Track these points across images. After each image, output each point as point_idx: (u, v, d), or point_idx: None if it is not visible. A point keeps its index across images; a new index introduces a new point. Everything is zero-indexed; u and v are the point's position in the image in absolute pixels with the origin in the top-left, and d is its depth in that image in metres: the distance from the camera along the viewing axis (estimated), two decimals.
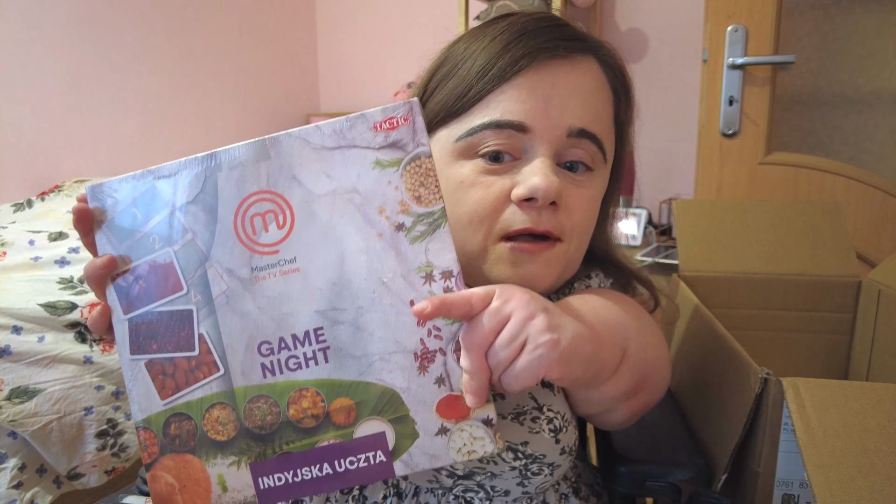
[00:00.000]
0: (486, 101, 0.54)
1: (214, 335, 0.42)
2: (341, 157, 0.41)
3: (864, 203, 1.48)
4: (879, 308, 0.87)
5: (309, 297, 0.41)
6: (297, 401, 0.41)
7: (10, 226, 1.52)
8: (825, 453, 0.49)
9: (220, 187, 0.41)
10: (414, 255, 0.41)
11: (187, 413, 0.42)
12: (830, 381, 0.54)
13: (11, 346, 1.14)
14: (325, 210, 0.41)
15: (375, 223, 0.41)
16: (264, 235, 0.41)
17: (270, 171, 0.41)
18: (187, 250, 0.42)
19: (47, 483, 1.15)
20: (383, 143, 0.41)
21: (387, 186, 0.41)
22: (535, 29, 0.55)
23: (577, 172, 0.55)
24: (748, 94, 1.54)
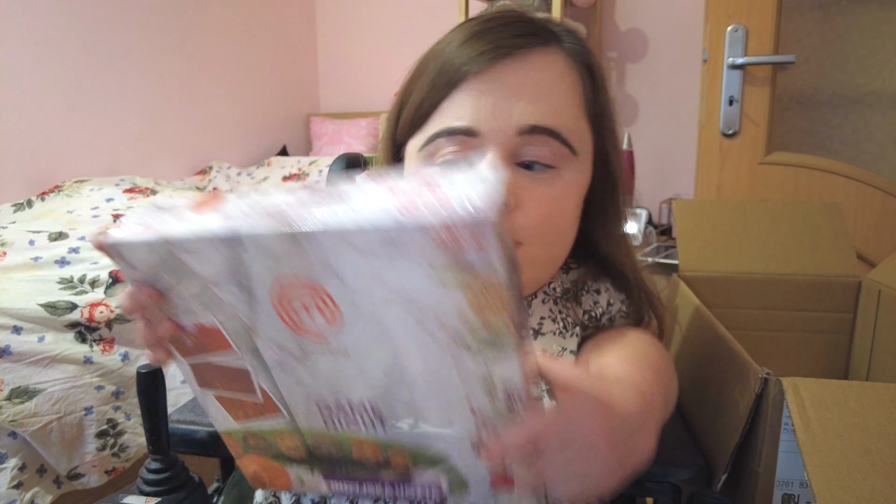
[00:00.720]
0: (439, 109, 0.54)
1: (273, 390, 0.41)
2: (392, 267, 0.32)
3: (864, 203, 1.48)
4: (879, 308, 0.87)
5: (362, 380, 0.39)
6: (360, 447, 0.42)
7: (10, 226, 1.52)
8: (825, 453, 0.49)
9: (249, 268, 0.35)
10: (475, 367, 0.36)
11: (261, 434, 0.44)
12: (830, 381, 0.54)
13: (11, 346, 1.14)
14: (375, 312, 0.35)
15: (433, 334, 0.35)
16: (309, 322, 0.37)
17: (306, 263, 0.34)
18: (232, 322, 0.39)
19: (47, 483, 1.15)
20: (447, 262, 0.31)
21: (449, 303, 0.33)
22: (482, 31, 0.55)
23: (536, 171, 0.54)
24: (748, 94, 1.54)
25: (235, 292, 0.37)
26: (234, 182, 2.49)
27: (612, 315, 0.63)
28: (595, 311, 0.62)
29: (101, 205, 1.70)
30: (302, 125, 3.19)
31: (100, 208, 1.67)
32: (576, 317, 0.61)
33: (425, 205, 0.29)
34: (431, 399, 0.38)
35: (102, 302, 1.27)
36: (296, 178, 2.37)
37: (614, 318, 0.63)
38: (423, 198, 0.30)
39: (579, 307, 0.62)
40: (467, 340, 0.35)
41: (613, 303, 0.63)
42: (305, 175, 2.37)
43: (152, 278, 0.38)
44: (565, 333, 0.59)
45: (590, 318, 0.62)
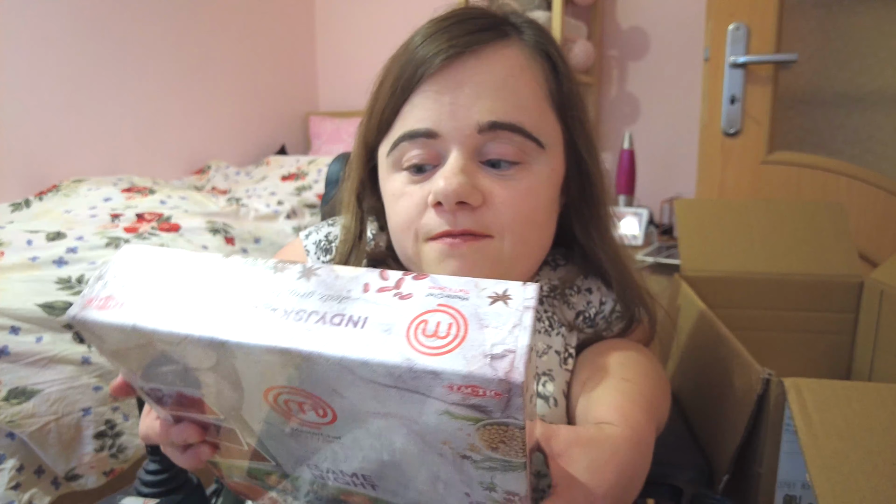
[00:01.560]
0: (400, 114, 0.55)
1: (261, 447, 0.40)
2: (398, 395, 0.30)
3: (866, 203, 1.47)
4: (882, 308, 0.87)
5: (355, 461, 0.37)
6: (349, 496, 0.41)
7: (7, 226, 1.52)
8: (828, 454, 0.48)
9: (239, 370, 0.32)
10: (479, 475, 0.33)
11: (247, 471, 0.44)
12: (833, 382, 0.54)
13: (9, 346, 1.13)
14: (375, 424, 0.32)
15: (437, 449, 0.32)
16: (303, 416, 0.34)
17: (303, 378, 0.31)
18: (217, 399, 0.36)
19: (45, 484, 1.15)
20: (460, 402, 0.28)
21: (457, 430, 0.30)
22: (438, 31, 0.55)
23: (503, 168, 0.54)
24: (750, 93, 1.53)
25: (222, 382, 0.34)
26: (232, 181, 2.49)
27: (607, 315, 0.62)
28: (589, 311, 0.61)
29: (99, 204, 1.69)
30: (301, 124, 3.18)
31: (98, 208, 1.66)
32: (562, 316, 0.60)
33: (444, 348, 0.27)
34: (427, 488, 0.37)
35: None
36: (294, 178, 2.37)
37: (609, 318, 0.62)
38: (444, 340, 0.27)
39: (567, 306, 0.61)
40: (473, 456, 0.32)
41: (606, 301, 0.62)
42: (305, 174, 2.37)
43: (124, 355, 0.35)
44: (551, 332, 0.58)
45: (584, 320, 0.61)
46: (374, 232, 0.65)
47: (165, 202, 1.74)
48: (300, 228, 1.85)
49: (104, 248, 1.41)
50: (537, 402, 0.53)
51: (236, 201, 1.91)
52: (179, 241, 1.51)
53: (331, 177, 0.97)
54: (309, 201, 2.07)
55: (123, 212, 1.62)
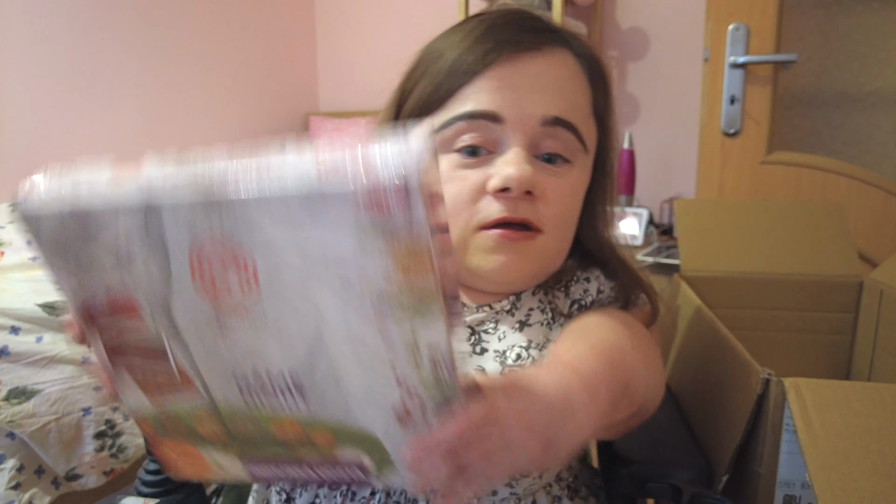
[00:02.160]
0: (457, 95, 0.55)
1: (189, 363, 0.40)
2: (315, 235, 0.31)
3: (866, 203, 1.48)
4: (881, 308, 0.87)
5: (282, 350, 0.37)
6: (280, 424, 0.41)
7: (7, 225, 1.52)
8: (827, 454, 0.48)
9: (166, 237, 0.34)
10: (401, 333, 0.35)
11: (177, 417, 0.42)
12: (832, 382, 0.54)
13: (9, 346, 1.14)
14: (295, 277, 0.34)
15: (358, 302, 0.34)
16: (226, 293, 0.35)
17: (224, 228, 0.33)
18: (146, 295, 0.36)
19: (45, 484, 1.15)
20: (371, 228, 0.30)
21: (374, 269, 0.32)
22: (503, 23, 0.56)
23: (555, 164, 0.55)
24: (750, 94, 1.54)
25: (151, 264, 0.35)
26: None
27: (602, 301, 0.63)
28: (585, 299, 0.62)
29: None
30: (301, 124, 3.19)
31: None
32: (562, 308, 0.60)
33: (349, 170, 0.29)
34: (354, 370, 0.37)
35: None
36: None
37: (604, 303, 0.63)
38: (347, 163, 0.29)
39: (567, 298, 0.61)
40: (392, 307, 0.33)
41: (603, 290, 0.62)
42: None
43: (62, 250, 0.37)
44: (552, 324, 0.59)
45: (579, 308, 0.61)
46: None
47: None
48: None
49: None
50: None
51: None
52: None
53: None
54: None
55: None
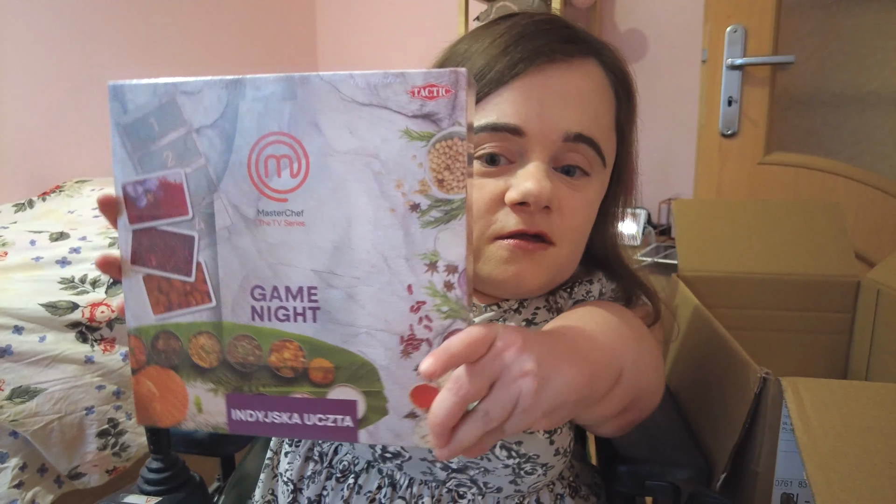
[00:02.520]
0: (482, 103, 0.54)
1: (212, 266, 0.42)
2: (369, 115, 0.38)
3: (863, 203, 1.48)
4: (879, 308, 0.87)
5: (308, 253, 0.40)
6: (280, 349, 0.41)
7: (11, 226, 1.52)
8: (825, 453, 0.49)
9: (240, 117, 0.39)
10: (422, 239, 0.38)
11: (175, 333, 0.43)
12: (830, 381, 0.54)
13: (12, 345, 1.14)
14: (341, 168, 0.39)
15: (390, 196, 0.38)
16: (276, 180, 0.40)
17: (293, 113, 0.39)
18: (198, 175, 0.41)
19: (48, 483, 1.15)
20: (417, 111, 0.37)
21: (410, 161, 0.37)
22: (533, 32, 0.55)
23: (574, 177, 0.55)
24: (747, 95, 1.54)
25: (215, 140, 0.40)
26: None
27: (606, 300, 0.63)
28: (587, 300, 0.63)
29: None
30: None
31: None
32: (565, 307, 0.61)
33: (408, 71, 0.37)
34: (370, 284, 0.39)
35: (103, 302, 1.27)
36: None
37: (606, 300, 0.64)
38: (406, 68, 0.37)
39: (571, 298, 0.62)
40: (419, 201, 0.38)
41: (605, 291, 0.63)
42: None
43: (139, 124, 0.42)
44: None
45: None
46: None
47: None
48: None
49: (107, 248, 1.41)
50: None
51: None
52: None
53: None
54: None
55: None
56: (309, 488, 0.59)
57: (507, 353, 0.36)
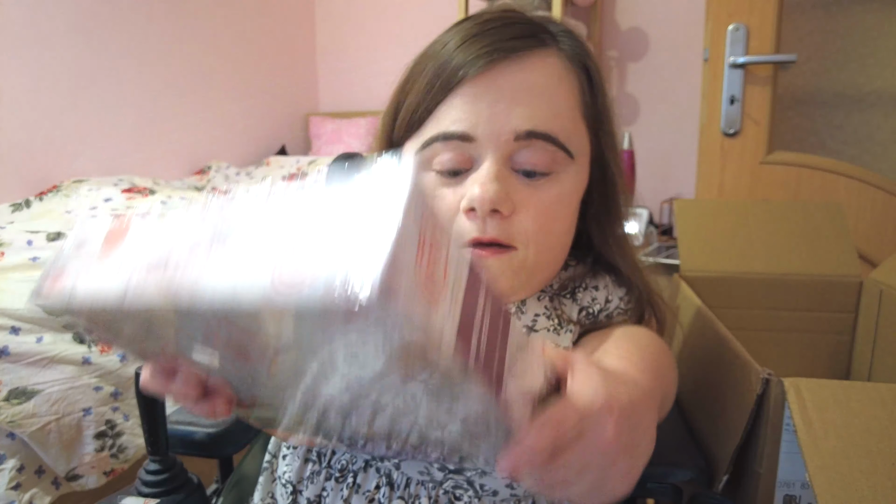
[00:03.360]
0: (435, 113, 0.54)
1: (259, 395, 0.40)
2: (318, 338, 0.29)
3: (865, 203, 1.48)
4: (881, 308, 0.87)
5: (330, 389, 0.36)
6: None
7: (8, 226, 1.52)
8: (827, 454, 0.49)
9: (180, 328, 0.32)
10: (441, 409, 0.34)
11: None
12: (832, 382, 0.54)
13: (10, 346, 1.14)
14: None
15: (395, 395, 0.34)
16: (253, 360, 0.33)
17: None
18: (173, 350, 0.36)
19: (46, 484, 1.15)
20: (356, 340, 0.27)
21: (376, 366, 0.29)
22: (479, 33, 0.54)
23: (533, 178, 0.54)
24: (749, 94, 1.54)
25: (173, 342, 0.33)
26: (233, 182, 2.49)
27: (611, 312, 0.62)
28: (593, 307, 0.62)
29: (100, 205, 1.70)
30: (301, 125, 3.19)
31: (98, 208, 1.67)
32: (570, 314, 0.60)
33: (309, 274, 0.23)
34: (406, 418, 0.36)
35: None
36: (295, 178, 2.37)
37: (612, 314, 0.62)
38: (309, 262, 0.24)
39: (575, 304, 0.61)
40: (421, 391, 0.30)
41: (612, 299, 0.62)
42: (305, 174, 2.37)
43: (99, 330, 0.35)
44: (560, 330, 0.59)
45: (587, 315, 0.61)
46: None
47: (166, 202, 1.74)
48: None
49: None
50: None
51: None
52: None
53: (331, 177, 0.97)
54: None
55: (124, 212, 1.62)
56: (308, 489, 0.59)
57: (591, 423, 0.32)
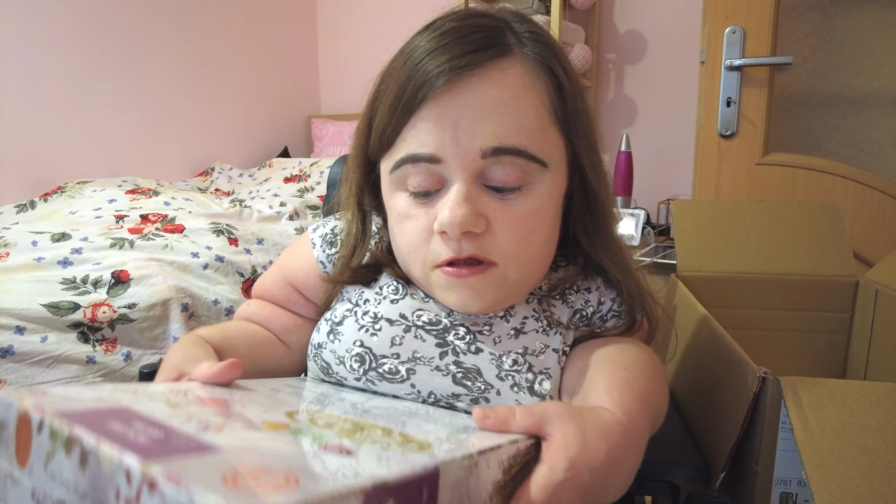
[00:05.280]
0: (402, 134, 0.54)
1: None
2: None
3: (861, 203, 1.49)
4: (877, 307, 0.88)
5: None
6: None
7: (12, 227, 1.53)
8: (823, 452, 0.49)
9: None
10: None
11: None
12: (828, 381, 0.55)
13: (14, 346, 1.14)
14: None
15: None
16: None
17: None
18: None
19: None
20: None
21: None
22: (436, 48, 0.52)
23: (504, 193, 0.53)
24: (746, 95, 1.55)
25: None
26: (235, 183, 2.49)
27: (604, 314, 0.62)
28: (586, 310, 0.61)
29: (104, 206, 1.70)
30: (303, 126, 3.19)
31: (102, 209, 1.67)
32: (560, 316, 0.60)
33: None
34: None
35: (105, 302, 1.27)
36: (297, 179, 2.37)
37: (606, 317, 0.62)
38: None
39: (566, 306, 0.60)
40: None
41: (604, 300, 0.62)
42: (307, 176, 2.38)
43: None
44: (549, 331, 0.58)
45: (581, 318, 0.61)
46: (378, 226, 0.66)
47: (170, 203, 1.75)
48: (302, 230, 1.86)
49: (109, 248, 1.42)
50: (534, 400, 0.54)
51: (240, 203, 1.92)
52: (184, 242, 1.52)
53: (333, 178, 0.98)
54: (311, 203, 2.08)
55: (128, 213, 1.63)
56: None
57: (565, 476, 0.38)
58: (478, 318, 0.58)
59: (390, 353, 0.56)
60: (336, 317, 0.61)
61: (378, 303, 0.60)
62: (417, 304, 0.59)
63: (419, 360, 0.56)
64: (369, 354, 0.57)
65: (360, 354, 0.57)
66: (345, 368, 0.57)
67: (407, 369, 0.55)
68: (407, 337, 0.57)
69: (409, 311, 0.59)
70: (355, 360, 0.57)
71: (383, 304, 0.60)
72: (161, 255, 1.44)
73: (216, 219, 1.70)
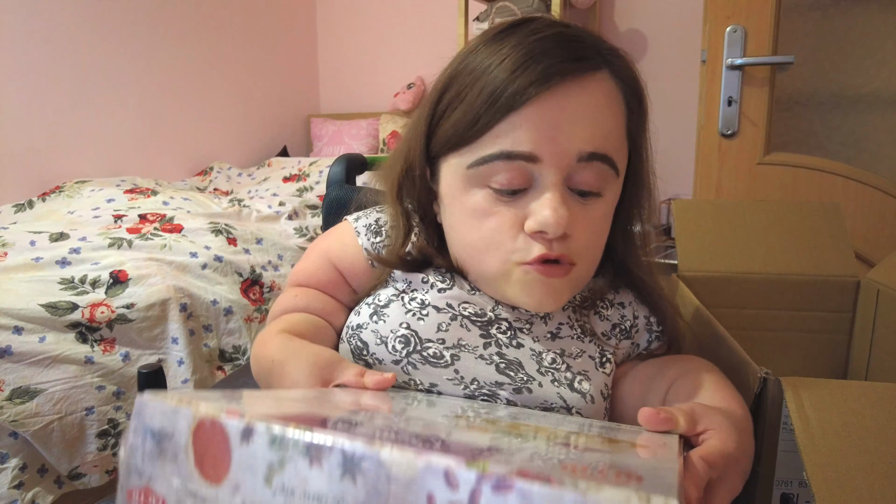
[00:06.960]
0: (494, 130, 0.54)
1: None
2: None
3: (863, 203, 1.48)
4: (878, 307, 0.87)
5: None
6: None
7: (11, 226, 1.53)
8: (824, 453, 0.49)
9: None
10: None
11: None
12: (829, 381, 0.54)
13: (12, 346, 1.14)
14: None
15: None
16: None
17: None
18: None
19: (48, 483, 1.16)
20: None
21: None
22: (541, 51, 0.53)
23: (586, 198, 0.56)
24: (747, 95, 1.54)
25: None
26: (234, 182, 2.49)
27: (640, 327, 0.65)
28: (624, 324, 0.64)
29: (102, 205, 1.70)
30: (302, 126, 3.19)
31: (101, 209, 1.67)
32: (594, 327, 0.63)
33: None
34: None
35: (103, 302, 1.27)
36: (296, 179, 2.37)
37: (641, 329, 0.65)
38: None
39: (602, 320, 0.63)
40: None
41: (638, 315, 0.65)
42: (306, 175, 2.38)
43: None
44: (584, 338, 0.61)
45: (621, 331, 0.64)
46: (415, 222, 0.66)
47: (168, 203, 1.75)
48: (302, 229, 1.85)
49: (107, 248, 1.42)
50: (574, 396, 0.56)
51: (238, 202, 1.92)
52: (183, 242, 1.52)
53: (332, 178, 0.98)
54: (310, 202, 2.08)
55: (126, 213, 1.63)
56: None
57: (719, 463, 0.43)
58: (521, 315, 0.60)
59: (436, 338, 0.58)
60: (381, 300, 0.63)
61: (426, 291, 0.62)
62: (464, 296, 0.61)
63: (464, 348, 0.58)
64: (415, 337, 0.58)
65: (406, 336, 0.58)
66: (385, 349, 0.58)
67: (451, 355, 0.57)
68: (453, 325, 0.59)
69: (456, 301, 0.60)
70: (399, 342, 0.58)
71: (431, 292, 0.61)
72: (160, 255, 1.44)
73: (215, 218, 1.70)
